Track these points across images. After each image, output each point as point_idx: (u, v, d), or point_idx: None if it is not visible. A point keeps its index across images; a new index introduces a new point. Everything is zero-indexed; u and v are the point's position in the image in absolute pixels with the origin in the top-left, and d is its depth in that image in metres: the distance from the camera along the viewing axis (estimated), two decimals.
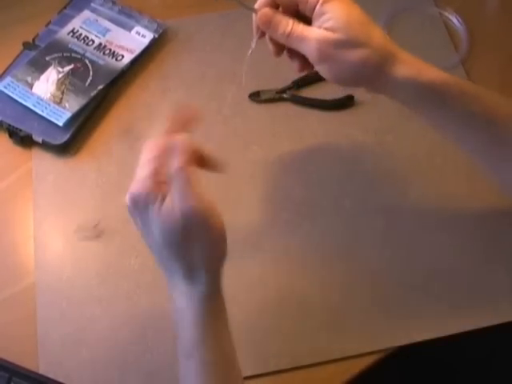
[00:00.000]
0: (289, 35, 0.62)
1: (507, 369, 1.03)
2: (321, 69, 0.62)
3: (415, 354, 0.77)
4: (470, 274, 0.75)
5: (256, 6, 0.64)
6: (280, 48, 0.66)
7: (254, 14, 0.65)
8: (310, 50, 0.61)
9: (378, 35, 0.60)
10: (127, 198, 0.57)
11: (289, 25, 0.62)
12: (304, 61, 0.65)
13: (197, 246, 0.56)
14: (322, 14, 0.60)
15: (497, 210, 0.79)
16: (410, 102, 0.64)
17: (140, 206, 0.56)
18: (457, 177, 0.82)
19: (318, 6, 0.60)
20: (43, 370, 0.70)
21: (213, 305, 0.58)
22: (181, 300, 0.58)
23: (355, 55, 0.59)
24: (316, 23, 0.61)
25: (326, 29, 0.60)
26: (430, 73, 0.61)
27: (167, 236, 0.55)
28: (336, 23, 0.59)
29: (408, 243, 0.77)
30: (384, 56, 0.60)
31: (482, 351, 1.03)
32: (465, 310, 0.73)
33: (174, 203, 0.54)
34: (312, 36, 0.60)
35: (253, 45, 0.66)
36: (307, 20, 0.62)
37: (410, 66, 0.60)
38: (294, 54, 0.65)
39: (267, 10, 0.63)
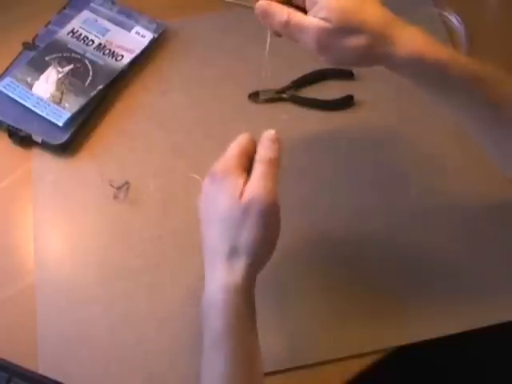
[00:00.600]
0: (286, 24, 0.62)
1: (506, 369, 1.03)
2: (321, 56, 0.62)
3: (415, 354, 0.77)
4: (469, 274, 0.75)
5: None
6: None
7: None
8: (308, 40, 0.61)
9: (372, 17, 0.60)
10: (210, 172, 0.61)
11: (284, 14, 0.62)
12: None
13: (249, 230, 0.58)
14: (314, 3, 0.60)
15: (497, 210, 0.79)
16: (412, 79, 0.63)
17: (217, 178, 0.60)
18: (457, 177, 0.82)
19: None
20: (43, 370, 0.70)
21: (246, 297, 0.58)
22: (215, 286, 0.58)
23: (352, 42, 0.59)
24: (311, 13, 0.61)
25: (321, 18, 0.60)
26: (433, 50, 0.60)
27: (229, 211, 0.58)
28: (328, 12, 0.59)
29: (408, 243, 0.77)
30: (382, 38, 0.59)
31: (481, 351, 1.03)
32: (464, 311, 0.73)
33: (249, 185, 0.58)
34: (310, 25, 0.60)
35: (268, 38, 0.66)
36: (304, 12, 0.63)
37: (408, 47, 0.60)
38: None
39: (263, 2, 0.63)
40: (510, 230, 0.78)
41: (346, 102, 0.87)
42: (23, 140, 0.84)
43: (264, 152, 0.61)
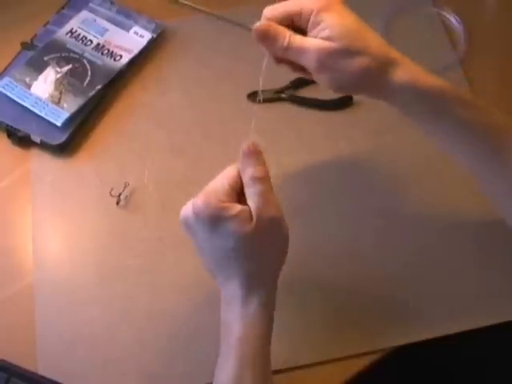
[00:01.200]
0: (287, 48, 0.61)
1: (506, 369, 1.03)
2: (321, 79, 0.62)
3: (414, 354, 0.77)
4: (468, 274, 0.75)
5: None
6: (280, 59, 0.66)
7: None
8: (309, 61, 0.60)
9: (375, 42, 0.60)
10: (189, 209, 0.59)
11: (286, 37, 0.61)
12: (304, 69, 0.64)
13: (267, 253, 0.58)
14: (318, 23, 0.59)
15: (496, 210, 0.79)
16: (407, 108, 0.63)
17: (203, 221, 0.57)
18: (456, 177, 0.82)
19: (312, 16, 0.59)
20: (42, 370, 0.70)
21: (266, 316, 0.59)
22: (231, 312, 0.58)
23: (355, 64, 0.58)
24: (312, 33, 0.60)
25: (323, 38, 0.59)
26: (429, 79, 0.60)
27: (242, 241, 0.56)
28: (332, 32, 0.58)
29: (407, 243, 0.77)
30: (383, 62, 0.59)
31: (480, 351, 1.03)
32: (463, 311, 0.73)
33: (255, 207, 0.57)
34: (310, 47, 0.59)
35: (265, 62, 0.65)
36: (303, 33, 0.62)
37: (408, 72, 0.60)
38: (295, 64, 0.65)
39: (263, 24, 0.62)
40: (509, 231, 0.78)
41: (345, 102, 0.87)
42: (22, 140, 0.84)
43: (255, 169, 0.59)
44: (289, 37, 0.61)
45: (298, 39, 0.60)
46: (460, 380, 1.03)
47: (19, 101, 0.85)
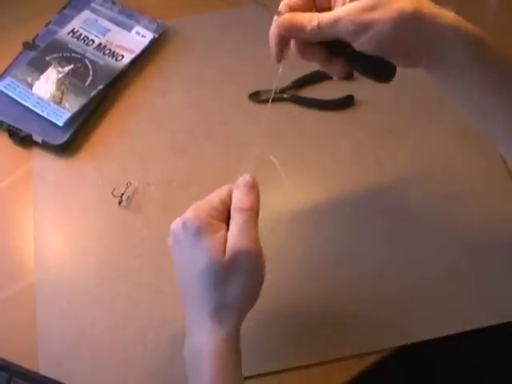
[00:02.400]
0: (319, 26, 0.58)
1: (506, 369, 1.03)
2: (363, 43, 0.57)
3: (415, 354, 0.77)
4: (469, 274, 0.75)
5: (280, 8, 0.61)
6: (281, 51, 0.63)
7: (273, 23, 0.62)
8: (345, 27, 0.57)
9: None
10: (178, 221, 0.58)
11: (314, 18, 0.58)
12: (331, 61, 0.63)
13: (237, 284, 0.56)
14: None
15: (497, 210, 0.79)
16: (451, 54, 0.59)
17: (190, 231, 0.57)
18: (457, 177, 0.82)
19: None
20: (43, 370, 0.70)
21: (233, 348, 0.58)
22: (201, 339, 0.57)
23: (391, 11, 0.55)
24: (337, 2, 0.59)
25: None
26: (470, 25, 0.58)
27: (212, 266, 0.56)
28: None
29: (408, 243, 0.77)
30: (419, 6, 0.56)
31: (481, 351, 1.03)
32: (464, 311, 0.73)
33: (230, 237, 0.56)
34: (342, 13, 0.57)
35: (280, 69, 0.64)
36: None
37: (447, 14, 0.57)
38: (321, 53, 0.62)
39: (286, 15, 0.60)
40: (511, 230, 0.78)
41: (346, 102, 0.87)
42: (23, 140, 0.84)
43: (242, 199, 0.58)
44: (316, 16, 0.58)
45: (326, 14, 0.58)
46: (460, 380, 1.03)
47: (21, 101, 0.85)
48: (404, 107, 0.87)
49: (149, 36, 0.92)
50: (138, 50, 0.91)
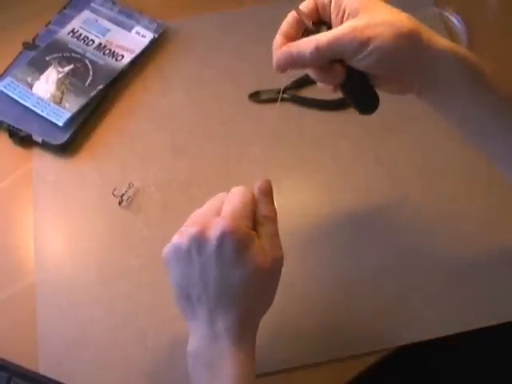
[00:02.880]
0: (318, 47, 0.57)
1: (506, 369, 1.03)
2: (362, 58, 0.57)
3: (415, 354, 0.77)
4: (469, 274, 0.75)
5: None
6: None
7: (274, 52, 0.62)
8: (346, 44, 0.56)
9: (400, 12, 0.58)
10: (228, 220, 0.55)
11: (311, 40, 0.57)
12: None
13: (264, 293, 0.58)
14: (339, 4, 0.58)
15: (497, 209, 0.79)
16: (448, 78, 0.59)
17: (242, 233, 0.55)
18: (457, 177, 0.82)
19: (333, 2, 0.58)
20: (43, 370, 0.70)
21: (253, 362, 0.58)
22: (221, 358, 0.57)
23: (391, 28, 0.56)
24: (337, 17, 0.58)
25: (352, 15, 0.57)
26: (470, 54, 0.58)
27: (248, 278, 0.55)
28: (357, 6, 0.57)
29: (408, 243, 0.77)
30: (416, 26, 0.57)
31: (481, 352, 1.03)
32: (464, 311, 0.73)
33: (268, 247, 0.56)
34: (343, 31, 0.56)
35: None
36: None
37: (443, 39, 0.57)
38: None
39: (284, 48, 0.59)
40: (510, 229, 0.78)
41: (347, 102, 0.87)
42: (23, 140, 0.84)
43: (270, 207, 0.59)
44: (314, 37, 0.57)
45: (323, 34, 0.57)
46: (460, 380, 1.03)
47: (21, 101, 0.85)
48: (404, 107, 0.87)
49: (149, 36, 0.92)
50: (137, 50, 0.91)
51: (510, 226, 0.78)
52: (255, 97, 0.88)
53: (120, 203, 0.80)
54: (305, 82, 0.89)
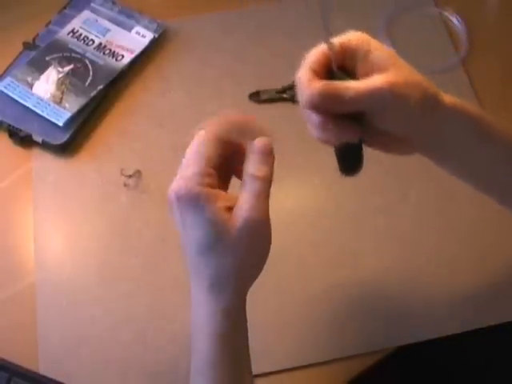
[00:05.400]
0: (358, 93, 0.52)
1: (507, 369, 1.03)
2: (389, 116, 0.54)
3: (415, 354, 0.77)
4: (469, 274, 0.75)
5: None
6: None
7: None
8: (384, 96, 0.52)
9: (417, 72, 0.56)
10: (177, 187, 0.52)
11: (349, 85, 0.52)
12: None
13: (243, 259, 0.53)
14: (368, 55, 0.54)
15: (497, 209, 0.79)
16: (456, 136, 0.58)
17: (191, 202, 0.51)
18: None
19: (361, 50, 0.54)
20: (43, 369, 0.70)
21: (233, 322, 0.55)
22: (201, 309, 0.55)
23: (420, 88, 0.54)
24: (361, 68, 0.55)
25: (377, 69, 0.53)
26: (472, 107, 0.57)
27: (214, 238, 0.52)
28: (387, 61, 0.54)
29: (408, 243, 0.77)
30: (431, 85, 0.55)
31: (481, 352, 1.03)
32: (464, 311, 0.73)
33: (243, 205, 0.52)
34: (382, 83, 0.52)
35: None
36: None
37: (453, 98, 0.56)
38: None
39: (321, 85, 0.53)
40: (510, 228, 0.78)
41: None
42: (23, 140, 0.84)
43: (258, 166, 0.54)
44: (352, 85, 0.53)
45: (361, 82, 0.53)
46: (461, 380, 1.03)
47: (21, 101, 0.85)
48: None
49: (149, 36, 0.92)
50: (138, 50, 0.91)
51: (510, 226, 0.78)
52: (255, 97, 0.88)
53: (126, 185, 0.79)
54: None
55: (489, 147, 0.59)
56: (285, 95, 0.88)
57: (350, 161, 0.62)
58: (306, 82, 0.54)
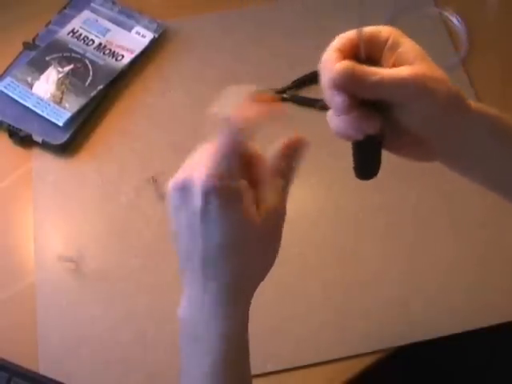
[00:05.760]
0: (384, 78, 0.51)
1: (507, 369, 1.03)
2: (412, 110, 0.53)
3: (415, 354, 0.77)
4: (469, 273, 0.75)
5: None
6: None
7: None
8: (410, 88, 0.51)
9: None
10: (208, 178, 0.49)
11: (376, 69, 0.51)
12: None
13: (261, 257, 0.53)
14: (397, 47, 0.53)
15: (497, 209, 0.79)
16: (481, 139, 0.56)
17: (212, 196, 0.49)
18: (457, 176, 0.82)
19: (390, 41, 0.53)
20: (43, 369, 0.70)
21: (241, 323, 0.54)
22: (206, 309, 0.52)
23: (445, 85, 0.53)
24: (389, 59, 0.53)
25: (408, 62, 0.52)
26: (493, 109, 0.56)
27: (241, 235, 0.50)
28: (415, 54, 0.53)
29: (408, 243, 0.77)
30: (456, 87, 0.54)
31: (481, 351, 1.03)
32: (464, 311, 0.73)
33: (273, 202, 0.53)
34: (409, 73, 0.51)
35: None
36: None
37: (475, 103, 0.55)
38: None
39: (347, 63, 0.51)
40: (511, 229, 0.78)
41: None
42: (23, 140, 0.84)
43: (286, 163, 0.55)
44: (379, 69, 0.51)
45: (389, 71, 0.52)
46: (461, 380, 1.03)
47: (21, 101, 0.85)
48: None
49: (149, 36, 0.92)
50: (138, 50, 0.91)
51: (510, 226, 0.78)
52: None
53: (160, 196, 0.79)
54: (305, 82, 0.88)
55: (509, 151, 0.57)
56: (285, 95, 0.88)
57: (367, 161, 0.61)
58: (334, 60, 0.52)
